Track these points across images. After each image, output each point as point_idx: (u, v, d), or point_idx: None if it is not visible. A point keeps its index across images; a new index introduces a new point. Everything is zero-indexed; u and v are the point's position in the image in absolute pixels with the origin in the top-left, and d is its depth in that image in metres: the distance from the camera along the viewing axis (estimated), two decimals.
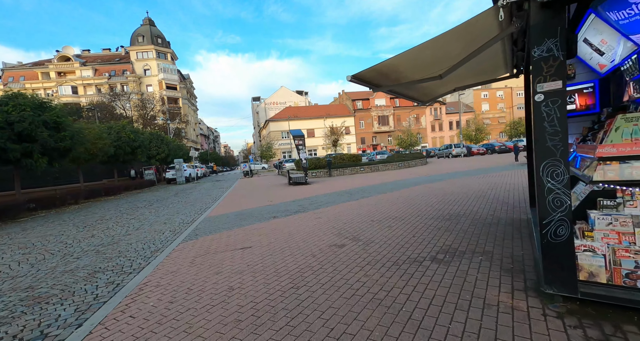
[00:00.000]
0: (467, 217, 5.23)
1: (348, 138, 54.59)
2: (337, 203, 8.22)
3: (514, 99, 60.75)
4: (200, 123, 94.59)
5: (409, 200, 7.52)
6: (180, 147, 27.98)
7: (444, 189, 8.71)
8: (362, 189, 10.60)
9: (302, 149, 14.31)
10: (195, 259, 4.21)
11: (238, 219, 7.02)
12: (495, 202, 6.29)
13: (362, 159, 24.64)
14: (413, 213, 5.97)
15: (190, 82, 66.38)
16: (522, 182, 8.76)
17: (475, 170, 14.05)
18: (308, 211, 7.29)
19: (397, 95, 4.37)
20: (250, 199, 10.59)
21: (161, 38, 51.82)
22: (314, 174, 19.29)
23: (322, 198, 9.45)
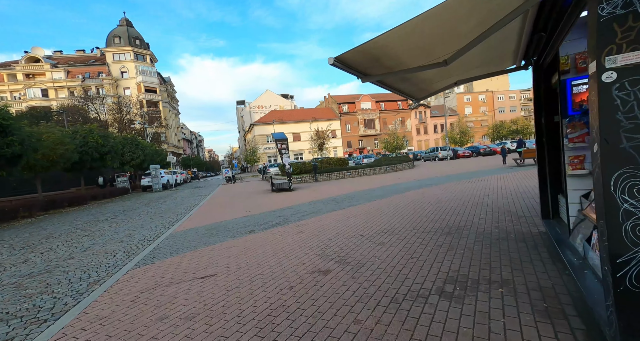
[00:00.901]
0: (470, 230, 4.56)
1: (334, 142, 54.13)
2: (323, 212, 7.44)
3: (495, 102, 62.25)
4: (182, 127, 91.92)
5: (400, 209, 6.83)
6: (158, 152, 26.50)
7: (437, 196, 8.10)
8: (350, 196, 9.87)
9: (285, 154, 13.48)
10: (139, 296, 3.30)
11: (208, 235, 6.10)
12: (496, 210, 5.68)
13: (348, 163, 24.05)
14: (407, 226, 5.27)
15: (171, 85, 64.31)
16: (517, 186, 8.28)
17: (466, 174, 13.63)
18: (289, 224, 6.47)
19: (388, 88, 3.66)
20: (227, 209, 9.64)
21: (139, 39, 49.88)
22: (299, 180, 18.46)
23: (306, 206, 8.65)
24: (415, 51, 2.68)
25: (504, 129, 48.16)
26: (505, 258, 3.35)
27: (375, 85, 3.24)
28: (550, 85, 3.86)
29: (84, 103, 31.19)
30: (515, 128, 47.84)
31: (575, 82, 3.00)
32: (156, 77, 51.32)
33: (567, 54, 3.03)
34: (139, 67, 48.19)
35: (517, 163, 14.70)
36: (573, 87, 3.02)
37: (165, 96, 55.21)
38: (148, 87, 49.05)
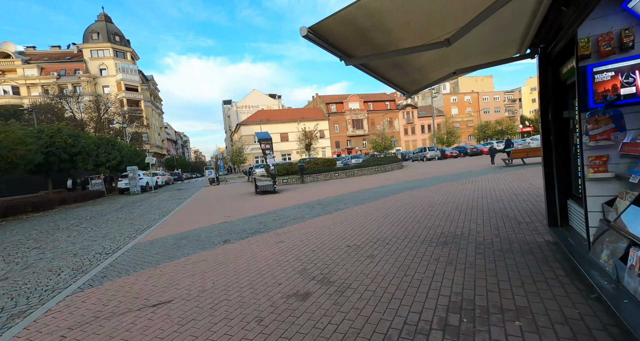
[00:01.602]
0: (468, 239, 4.08)
1: (322, 142, 53.63)
2: (307, 218, 6.85)
3: (480, 103, 63.32)
4: (167, 127, 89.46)
5: (391, 214, 6.32)
6: (138, 153, 25.23)
7: (429, 199, 7.65)
8: (337, 199, 9.32)
9: (269, 154, 12.82)
10: (65, 336, 2.62)
11: (176, 246, 5.41)
12: (493, 215, 5.24)
13: (336, 164, 23.56)
14: (398, 234, 4.75)
15: (154, 84, 62.28)
16: (510, 188, 7.93)
17: (455, 174, 13.34)
18: (270, 232, 5.85)
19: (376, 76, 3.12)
20: (205, 215, 8.91)
21: (119, 36, 47.92)
22: (284, 181, 17.80)
23: (290, 211, 8.03)
24: (412, 26, 2.13)
25: (490, 130, 48.90)
26: (514, 276, 2.85)
27: (362, 71, 2.69)
28: (558, 76, 3.41)
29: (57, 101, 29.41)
30: (500, 129, 48.66)
31: (597, 69, 2.53)
32: (137, 75, 49.43)
33: (587, 35, 2.56)
34: (118, 65, 46.26)
35: (506, 163, 14.55)
36: (595, 74, 2.55)
37: (147, 95, 53.30)
38: (129, 85, 47.16)
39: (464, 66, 3.66)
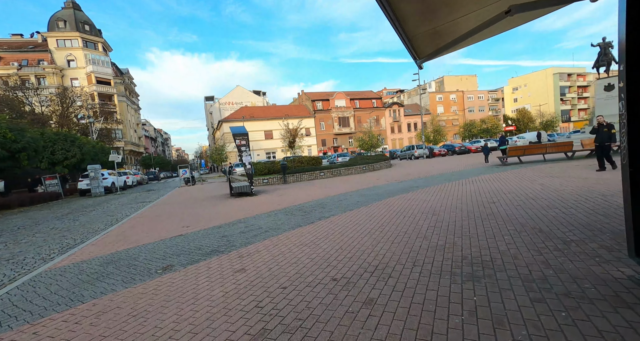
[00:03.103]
0: (506, 271, 2.83)
1: (308, 140, 52.23)
2: (283, 229, 5.47)
3: (465, 102, 63.66)
4: (145, 124, 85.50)
5: (387, 225, 5.04)
6: (105, 150, 22.96)
7: (430, 204, 6.43)
8: (321, 204, 7.98)
9: (246, 151, 11.31)
10: None
11: (94, 277, 3.90)
12: (521, 229, 4.04)
13: (322, 162, 22.25)
14: (403, 258, 3.46)
15: (130, 78, 58.81)
16: (521, 190, 6.83)
17: (450, 174, 12.29)
18: (231, 251, 4.44)
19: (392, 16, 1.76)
20: (160, 224, 7.35)
21: (89, 25, 44.55)
22: (265, 181, 16.31)
23: (264, 219, 6.62)
24: None
25: (475, 128, 48.96)
26: None
27: None
28: None
29: (13, 94, 26.49)
30: (486, 127, 48.81)
31: None
32: (110, 68, 46.24)
33: None
34: (89, 56, 42.99)
35: (502, 162, 13.67)
36: None
37: (121, 89, 50.10)
38: (100, 78, 43.98)
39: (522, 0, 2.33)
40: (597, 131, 8.68)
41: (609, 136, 8.40)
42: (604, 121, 8.60)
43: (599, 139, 8.59)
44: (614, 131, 8.35)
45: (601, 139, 8.53)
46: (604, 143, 8.45)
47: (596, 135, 8.73)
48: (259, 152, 51.66)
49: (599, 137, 8.59)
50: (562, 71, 69.17)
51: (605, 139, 8.44)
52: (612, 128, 8.41)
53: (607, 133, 8.43)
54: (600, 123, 8.62)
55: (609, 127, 8.45)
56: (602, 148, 8.50)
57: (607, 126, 8.49)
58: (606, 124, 8.53)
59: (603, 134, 8.50)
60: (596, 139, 8.74)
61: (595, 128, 8.74)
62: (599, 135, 8.60)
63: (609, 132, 8.41)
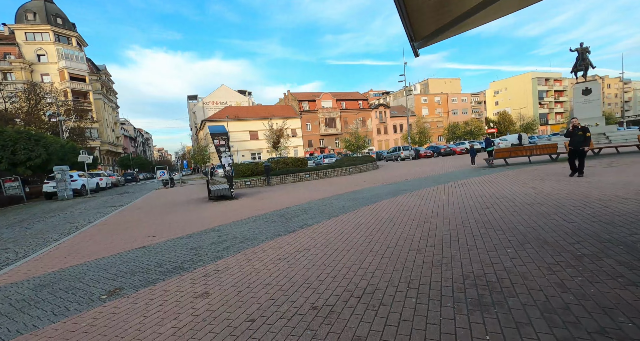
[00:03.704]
0: (518, 295, 2.38)
1: (295, 141, 51.56)
2: (260, 240, 4.88)
3: (449, 104, 64.80)
4: (124, 123, 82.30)
5: (375, 234, 4.55)
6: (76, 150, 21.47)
7: (420, 209, 6.01)
8: (304, 209, 7.43)
9: (225, 152, 10.61)
10: None
11: (18, 308, 3.18)
12: (524, 240, 3.64)
13: (308, 164, 21.67)
14: (395, 277, 2.96)
15: (107, 75, 56.25)
16: (514, 194, 6.53)
17: (438, 176, 12.03)
18: (197, 268, 3.82)
19: None
20: (125, 232, 6.58)
21: (62, 18, 42.18)
22: (247, 183, 15.59)
23: (242, 227, 6.01)
24: None
25: (459, 130, 49.77)
26: None
27: None
28: None
29: None
30: (469, 129, 49.71)
31: None
32: (85, 64, 43.97)
33: None
34: (61, 51, 40.66)
35: (488, 164, 13.58)
36: None
37: (98, 87, 47.78)
38: (74, 74, 41.70)
39: None
40: (571, 134, 8.25)
41: (584, 140, 8.02)
42: (579, 124, 8.25)
43: (574, 143, 8.18)
44: (589, 134, 8.04)
45: (576, 142, 8.13)
46: (579, 147, 8.07)
47: (571, 138, 8.29)
48: (244, 153, 50.52)
49: (574, 141, 8.19)
50: (540, 75, 71.75)
51: (580, 143, 8.05)
52: (587, 131, 8.08)
53: (582, 136, 8.05)
54: (575, 126, 8.23)
55: (584, 131, 8.09)
56: (577, 152, 8.12)
57: (581, 129, 8.12)
58: (581, 127, 8.17)
59: (578, 137, 8.11)
60: (571, 143, 8.30)
61: (570, 131, 8.30)
62: (574, 138, 8.18)
63: (584, 135, 8.04)
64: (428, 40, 2.62)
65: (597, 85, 22.99)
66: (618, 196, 5.35)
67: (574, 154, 8.14)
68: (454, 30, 2.44)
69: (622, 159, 11.03)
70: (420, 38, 2.60)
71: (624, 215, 4.19)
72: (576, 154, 8.08)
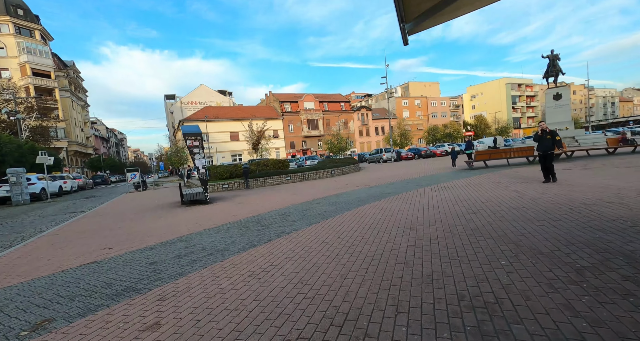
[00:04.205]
0: (523, 321, 2.06)
1: (277, 142, 50.77)
2: (231, 252, 4.37)
3: (429, 107, 66.33)
4: (96, 123, 78.06)
5: (359, 244, 4.17)
6: (35, 151, 19.75)
7: (405, 215, 5.70)
8: (283, 214, 6.96)
9: (199, 154, 9.92)
10: None
11: None
12: (517, 250, 3.38)
13: (289, 166, 21.14)
14: (381, 299, 2.57)
15: (76, 71, 53.00)
16: (498, 198, 6.39)
17: (420, 178, 11.91)
18: (152, 289, 3.27)
19: None
20: (78, 244, 5.83)
21: (23, 9, 39.25)
22: (225, 186, 14.86)
23: (212, 237, 5.45)
24: None
25: (439, 133, 50.93)
26: None
27: None
28: None
29: None
30: (448, 132, 50.97)
31: None
32: (50, 59, 41.13)
33: None
34: (22, 44, 37.77)
35: (469, 166, 13.67)
36: None
37: (65, 83, 44.87)
38: (37, 70, 38.85)
39: None
40: (540, 138, 7.93)
41: (552, 144, 7.77)
42: (547, 128, 7.95)
43: (542, 147, 7.85)
44: (559, 138, 7.83)
45: (544, 147, 7.82)
46: (548, 151, 7.76)
47: (539, 143, 7.98)
48: (224, 155, 49.13)
49: (542, 145, 7.86)
50: (513, 81, 75.10)
51: (549, 147, 7.75)
52: (556, 135, 7.86)
53: (551, 140, 7.79)
54: (543, 130, 7.91)
55: (552, 135, 7.82)
56: (546, 157, 7.76)
57: (550, 133, 7.83)
58: (549, 131, 7.87)
59: (546, 141, 7.81)
60: (539, 147, 7.97)
61: (539, 135, 7.96)
62: (542, 142, 7.87)
63: (553, 139, 7.79)
64: (420, 23, 2.27)
65: (567, 91, 24.09)
66: (601, 199, 5.29)
67: (544, 159, 7.85)
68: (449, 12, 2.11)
69: (594, 162, 11.38)
70: (411, 19, 2.25)
71: (613, 220, 4.06)
72: (545, 159, 7.79)
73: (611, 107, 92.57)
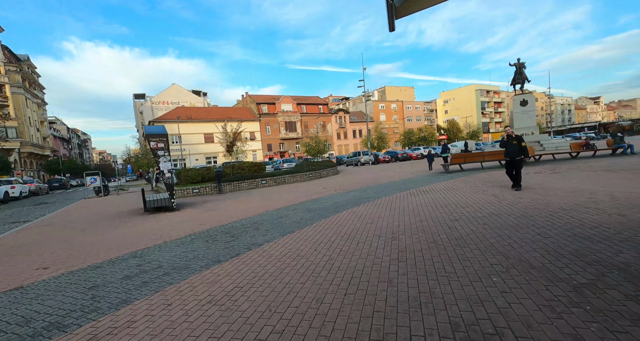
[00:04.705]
0: None
1: (253, 144, 49.59)
2: (192, 270, 3.80)
3: (404, 111, 67.98)
4: (55, 123, 72.42)
5: (336, 259, 3.76)
6: None
7: (385, 221, 5.39)
8: (256, 223, 6.42)
9: (165, 157, 9.10)
10: None
11: None
12: (508, 264, 3.12)
13: (265, 169, 20.45)
14: (362, 329, 2.17)
15: (31, 67, 48.74)
16: (478, 203, 6.27)
17: (398, 182, 11.79)
18: (83, 325, 2.66)
19: None
20: (11, 262, 4.94)
21: None
22: (196, 191, 13.97)
23: (171, 251, 4.82)
24: None
25: (414, 136, 52.19)
26: None
27: None
28: None
29: None
30: (423, 135, 52.39)
31: None
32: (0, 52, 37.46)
33: None
34: None
35: (445, 169, 13.81)
36: None
37: (17, 79, 41.04)
38: None
39: None
40: (506, 144, 7.58)
41: (519, 149, 7.37)
42: (513, 133, 7.60)
43: (509, 153, 7.49)
44: (524, 144, 7.40)
45: (511, 153, 7.45)
46: (515, 158, 7.37)
47: (506, 149, 7.62)
48: (198, 157, 47.19)
49: (509, 151, 7.51)
50: (482, 87, 79.01)
51: (516, 153, 7.38)
52: (522, 141, 7.43)
53: (517, 146, 7.39)
54: (509, 135, 7.55)
55: (518, 140, 7.42)
56: (513, 163, 7.42)
57: (515, 139, 7.45)
58: (515, 137, 7.50)
59: (513, 147, 7.43)
60: (506, 153, 7.62)
61: (504, 141, 7.63)
62: (509, 148, 7.51)
63: (519, 145, 7.38)
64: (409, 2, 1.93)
65: (533, 97, 25.46)
66: (578, 204, 5.28)
67: (511, 165, 7.49)
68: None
69: (561, 165, 11.84)
70: None
71: (595, 227, 3.96)
72: (513, 165, 7.43)
73: (568, 114, 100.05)
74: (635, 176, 7.73)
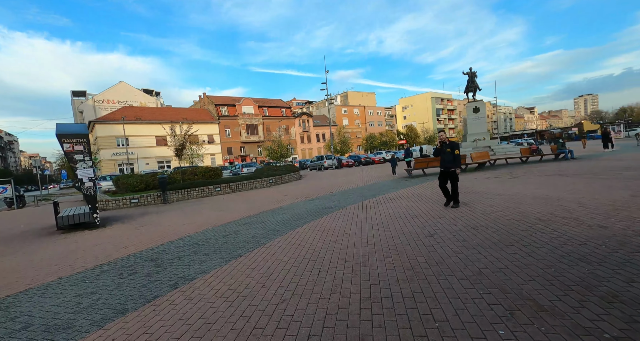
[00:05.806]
0: None
1: (211, 148, 46.70)
2: (74, 330, 2.56)
3: (366, 116, 69.46)
4: None
5: (292, 300, 2.80)
6: None
7: (352, 239, 4.55)
8: (196, 243, 5.21)
9: (83, 161, 7.39)
10: None
11: None
12: (504, 300, 2.43)
13: (222, 174, 18.78)
14: None
15: None
16: (447, 213, 5.75)
17: (363, 188, 11.18)
18: None
19: None
20: None
21: None
22: (134, 201, 12.05)
23: (59, 296, 3.49)
24: None
25: (376, 141, 53.27)
26: None
27: None
28: None
29: None
30: (384, 140, 53.71)
31: None
32: None
33: None
34: None
35: (408, 174, 13.59)
36: None
37: None
38: None
39: None
40: (439, 152, 6.27)
41: (453, 158, 6.00)
42: (447, 139, 6.26)
43: (443, 162, 6.21)
44: (458, 152, 6.01)
45: (445, 162, 6.14)
46: (449, 168, 6.05)
47: (440, 157, 6.31)
48: (149, 161, 43.08)
49: (443, 160, 6.21)
50: (437, 95, 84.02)
51: (451, 163, 6.02)
52: (456, 148, 6.03)
53: (451, 155, 6.02)
54: (442, 142, 6.24)
55: (452, 147, 6.05)
56: (446, 175, 6.17)
57: (450, 146, 6.10)
58: (449, 143, 6.16)
59: (447, 156, 6.09)
60: (440, 163, 6.34)
61: (438, 148, 6.34)
62: (443, 157, 6.20)
63: (453, 153, 6.01)
64: None
65: (484, 105, 27.05)
66: (552, 213, 4.95)
67: (445, 177, 6.21)
68: None
69: (516, 170, 12.17)
70: None
71: (585, 244, 3.50)
72: (447, 177, 6.18)
73: (510, 122, 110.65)
74: (587, 180, 7.92)
